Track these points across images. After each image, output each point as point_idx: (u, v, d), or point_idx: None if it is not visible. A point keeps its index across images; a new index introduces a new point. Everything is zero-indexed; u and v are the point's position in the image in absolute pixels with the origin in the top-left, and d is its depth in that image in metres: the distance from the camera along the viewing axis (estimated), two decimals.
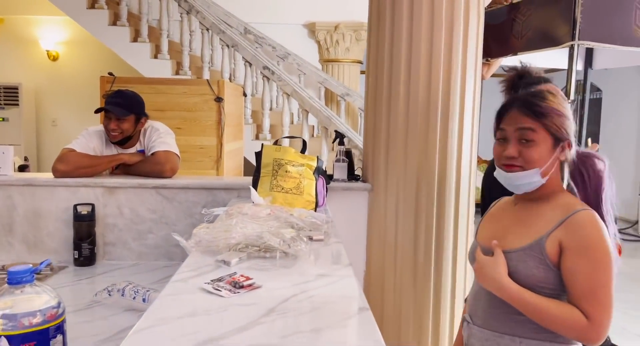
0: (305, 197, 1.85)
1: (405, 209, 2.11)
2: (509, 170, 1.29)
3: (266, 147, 1.90)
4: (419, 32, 2.06)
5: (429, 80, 2.07)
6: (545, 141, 1.27)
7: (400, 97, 2.10)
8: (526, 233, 1.28)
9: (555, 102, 1.30)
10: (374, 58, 2.22)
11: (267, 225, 1.40)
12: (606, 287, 1.20)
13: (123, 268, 2.14)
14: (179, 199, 2.23)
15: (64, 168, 2.18)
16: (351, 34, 6.45)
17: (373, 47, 2.23)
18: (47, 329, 1.03)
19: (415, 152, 2.09)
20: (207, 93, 3.85)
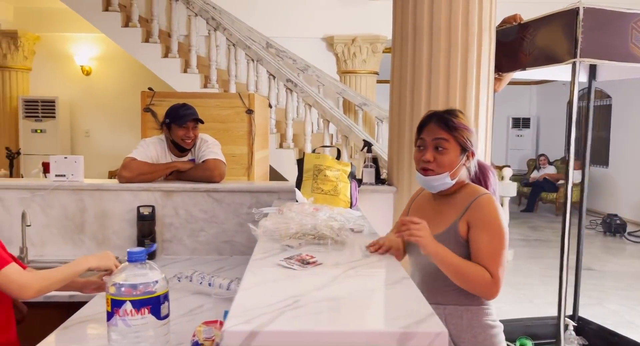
0: (342, 197, 2.15)
1: None
2: (425, 175, 1.62)
3: (307, 155, 2.20)
4: (438, 50, 2.36)
5: (447, 93, 2.37)
6: (455, 150, 1.61)
7: (422, 108, 2.39)
8: (443, 220, 1.62)
9: (464, 119, 1.64)
10: (397, 73, 2.52)
11: (318, 219, 1.70)
12: (502, 252, 1.53)
13: (179, 261, 2.45)
14: (227, 201, 2.54)
15: (128, 175, 2.51)
16: (368, 46, 6.76)
17: (397, 64, 2.53)
18: (158, 296, 1.34)
19: None
20: (238, 105, 4.18)
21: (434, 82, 2.38)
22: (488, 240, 1.54)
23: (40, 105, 6.63)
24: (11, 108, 6.70)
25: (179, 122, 2.61)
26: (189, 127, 2.62)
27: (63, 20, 6.69)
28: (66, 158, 2.52)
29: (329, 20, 6.75)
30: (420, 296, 1.07)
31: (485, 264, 1.52)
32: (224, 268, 2.34)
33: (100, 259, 1.58)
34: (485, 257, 1.53)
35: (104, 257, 1.60)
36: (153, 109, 4.13)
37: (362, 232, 1.74)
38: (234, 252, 2.56)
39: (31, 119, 6.65)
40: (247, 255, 2.57)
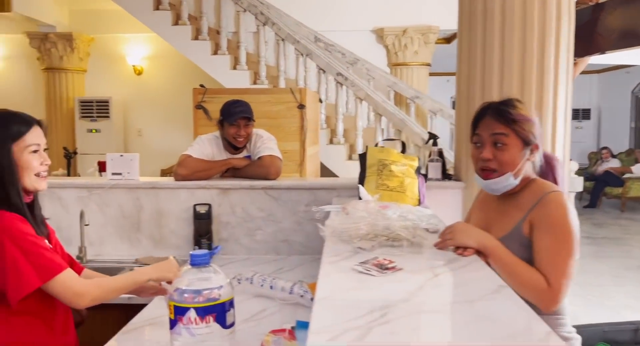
0: (409, 194, 2.00)
1: None
2: (486, 178, 1.47)
3: (371, 149, 2.06)
4: (511, 36, 2.17)
5: (522, 82, 2.17)
6: (516, 145, 1.43)
7: (494, 97, 2.20)
8: (508, 221, 1.45)
9: (524, 109, 1.47)
10: (465, 61, 2.34)
11: (389, 218, 1.56)
12: (567, 259, 1.34)
13: (236, 261, 2.37)
14: (284, 198, 2.44)
15: (184, 172, 2.44)
16: (419, 37, 6.54)
17: (464, 50, 2.35)
18: (223, 303, 1.24)
19: None
20: (289, 101, 4.08)
21: (507, 69, 2.19)
22: (550, 243, 1.35)
23: (95, 106, 6.77)
24: (68, 109, 6.87)
25: (229, 120, 2.53)
26: (240, 125, 2.53)
27: (115, 21, 6.80)
28: (122, 157, 2.48)
29: (378, 12, 6.57)
30: (528, 309, 0.92)
31: (544, 270, 1.34)
32: (283, 269, 2.23)
33: (162, 270, 1.49)
34: (545, 262, 1.35)
35: (165, 267, 1.50)
36: (205, 106, 4.09)
37: (438, 232, 1.59)
38: (292, 251, 2.45)
39: (86, 119, 6.80)
40: (306, 254, 2.48)
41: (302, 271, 2.21)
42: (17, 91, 7.11)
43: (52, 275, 1.31)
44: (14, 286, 1.28)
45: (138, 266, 2.29)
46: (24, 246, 1.30)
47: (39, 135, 1.43)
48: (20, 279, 1.28)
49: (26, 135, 1.39)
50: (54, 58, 6.76)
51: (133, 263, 2.33)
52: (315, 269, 2.29)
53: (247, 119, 2.55)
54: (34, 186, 1.42)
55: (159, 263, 1.54)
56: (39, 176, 1.43)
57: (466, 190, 2.37)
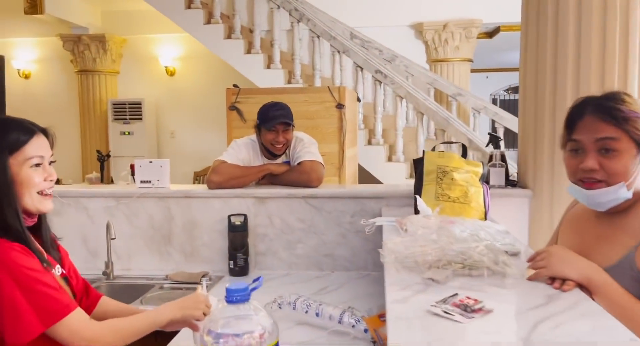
0: (474, 206, 1.74)
1: None
2: (589, 188, 1.15)
3: (429, 154, 1.81)
4: (588, 24, 1.88)
5: (602, 75, 1.88)
6: (629, 150, 1.13)
7: (568, 96, 1.92)
8: (612, 250, 1.15)
9: (634, 104, 1.15)
10: (532, 54, 2.06)
11: (459, 239, 1.30)
12: None
13: (275, 278, 2.15)
14: (328, 208, 2.20)
15: (218, 180, 2.24)
16: (461, 32, 6.21)
17: (531, 36, 2.07)
18: None
19: None
20: (327, 100, 3.85)
21: (583, 60, 1.89)
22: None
23: (127, 108, 6.69)
24: (101, 111, 6.82)
25: (266, 125, 2.31)
26: (279, 131, 2.30)
27: (147, 22, 6.70)
28: (151, 163, 2.29)
29: (417, 6, 6.26)
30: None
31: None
32: (327, 289, 2.00)
33: (187, 308, 1.26)
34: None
35: (190, 304, 1.27)
36: (238, 107, 3.90)
37: (518, 255, 1.32)
38: (336, 266, 2.21)
39: (119, 122, 6.72)
40: (351, 271, 2.23)
41: (349, 290, 1.97)
42: (51, 94, 7.11)
43: (57, 319, 1.10)
44: (12, 332, 1.08)
45: (168, 284, 2.10)
46: (25, 284, 1.09)
47: (43, 145, 1.21)
48: (19, 324, 1.08)
49: (26, 145, 1.17)
50: (87, 60, 6.71)
51: (163, 279, 2.13)
52: (364, 288, 2.05)
53: (287, 124, 2.33)
54: (37, 207, 1.19)
55: (184, 298, 1.31)
56: (43, 194, 1.20)
57: (533, 199, 2.08)
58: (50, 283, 1.13)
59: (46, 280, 1.13)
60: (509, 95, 11.35)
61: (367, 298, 1.88)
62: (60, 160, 6.22)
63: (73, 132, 6.98)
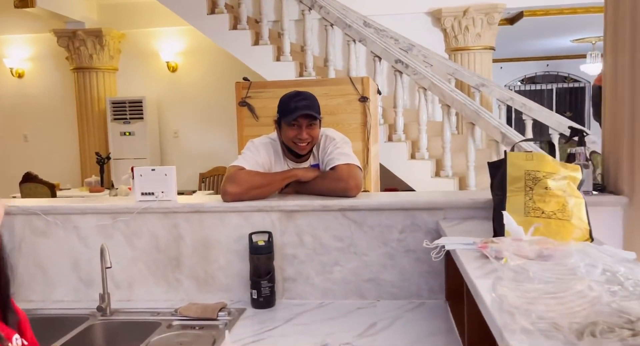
0: (575, 222, 1.33)
1: None
2: None
3: (512, 155, 1.40)
4: None
5: None
6: None
7: None
8: None
9: None
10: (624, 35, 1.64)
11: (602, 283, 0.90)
12: None
13: (309, 310, 1.75)
14: (370, 223, 1.80)
15: (235, 190, 1.83)
16: (482, 17, 5.78)
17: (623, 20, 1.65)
18: None
19: None
20: (350, 93, 3.44)
21: None
22: None
23: (127, 106, 6.29)
24: (99, 111, 6.42)
25: (287, 119, 1.90)
26: (302, 126, 1.89)
27: (146, 15, 6.30)
28: (154, 171, 1.89)
29: None
30: None
31: None
32: (377, 326, 1.59)
33: None
34: None
35: None
36: (249, 102, 3.49)
37: None
38: (382, 294, 1.81)
39: (119, 121, 6.32)
40: (400, 299, 1.79)
41: (406, 328, 1.57)
42: (46, 93, 6.71)
43: None
44: None
45: (178, 321, 1.70)
46: None
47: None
48: None
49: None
50: (84, 57, 6.31)
51: (172, 314, 1.73)
52: (422, 323, 1.60)
53: (312, 117, 1.92)
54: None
55: None
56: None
57: (631, 207, 1.67)
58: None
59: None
60: (525, 86, 10.90)
61: (433, 338, 1.48)
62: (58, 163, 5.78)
63: (70, 134, 6.59)
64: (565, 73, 10.62)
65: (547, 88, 10.91)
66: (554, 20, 6.55)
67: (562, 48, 9.09)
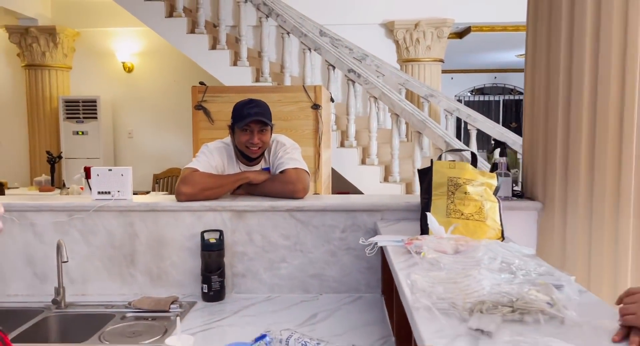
0: (490, 223, 1.53)
1: (594, 232, 1.75)
2: None
3: (438, 164, 1.59)
4: (608, 21, 1.70)
5: (622, 75, 1.70)
6: None
7: (585, 97, 1.74)
8: None
9: None
10: (543, 55, 1.87)
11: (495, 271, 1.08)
12: None
13: (256, 303, 1.89)
14: (315, 223, 1.95)
15: (189, 191, 1.95)
16: (432, 31, 6.07)
17: (541, 43, 1.88)
18: None
19: (606, 162, 1.73)
20: (302, 100, 3.60)
21: (602, 59, 1.71)
22: None
23: (81, 106, 6.22)
24: (51, 109, 6.32)
25: (240, 124, 2.04)
26: (254, 131, 2.04)
27: (103, 14, 6.27)
28: (111, 171, 1.98)
29: (388, 4, 6.08)
30: None
31: None
32: (317, 316, 1.75)
33: None
34: None
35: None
36: (205, 106, 3.60)
37: (562, 288, 1.11)
38: (324, 289, 1.97)
39: (72, 121, 6.25)
40: (341, 293, 1.97)
41: (343, 318, 1.73)
42: None
43: None
44: None
45: (132, 313, 1.80)
46: None
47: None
48: None
49: None
50: (36, 54, 6.21)
51: (125, 307, 1.83)
52: (359, 315, 1.79)
53: (263, 123, 2.06)
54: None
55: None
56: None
57: (544, 212, 1.89)
58: None
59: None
60: (474, 97, 11.38)
61: (367, 328, 1.64)
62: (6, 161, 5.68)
63: (20, 131, 6.46)
64: (511, 85, 11.15)
65: (495, 99, 11.42)
66: (499, 36, 6.92)
67: (508, 62, 9.58)
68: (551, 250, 1.84)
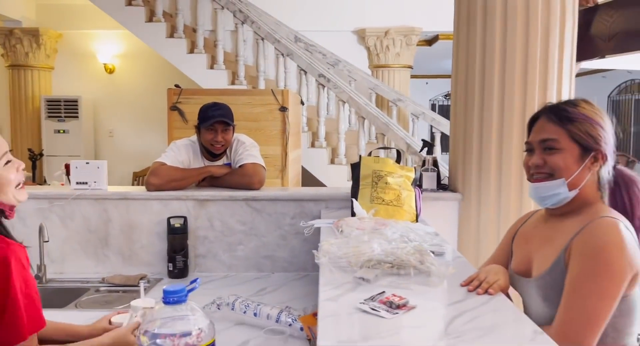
0: (406, 208, 1.83)
1: (502, 220, 2.06)
2: (535, 181, 1.25)
3: (365, 159, 1.89)
4: (513, 35, 2.02)
5: (524, 85, 2.03)
6: (571, 149, 1.21)
7: (494, 104, 2.06)
8: (550, 253, 1.22)
9: (588, 109, 1.24)
10: (463, 62, 2.19)
11: (390, 240, 1.38)
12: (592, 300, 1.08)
13: (215, 280, 2.17)
14: (268, 211, 2.24)
15: (157, 182, 2.23)
16: (401, 39, 6.41)
17: (462, 51, 2.20)
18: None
19: (512, 160, 2.04)
20: (271, 103, 3.88)
21: (508, 72, 2.04)
22: (575, 276, 1.11)
23: (63, 105, 6.43)
24: (33, 108, 6.52)
25: (205, 124, 2.32)
26: (217, 130, 2.33)
27: (85, 17, 6.48)
28: (88, 164, 2.25)
29: (360, 12, 6.41)
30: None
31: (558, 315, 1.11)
32: (266, 289, 2.04)
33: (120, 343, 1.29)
34: (562, 303, 1.12)
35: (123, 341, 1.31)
36: (180, 107, 3.86)
37: (444, 255, 1.42)
38: (276, 268, 2.26)
39: (54, 119, 6.46)
40: (290, 271, 2.28)
41: (288, 291, 2.02)
42: None
43: (36, 330, 1.14)
44: (5, 333, 1.10)
45: (105, 287, 2.07)
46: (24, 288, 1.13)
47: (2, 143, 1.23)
48: (14, 327, 1.10)
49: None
50: (19, 54, 6.41)
51: (99, 282, 2.09)
52: (302, 288, 2.10)
53: (226, 124, 2.35)
54: (17, 199, 1.25)
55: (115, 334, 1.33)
56: (19, 187, 1.26)
57: (463, 202, 2.21)
58: (37, 291, 1.15)
59: (36, 287, 1.14)
60: (448, 101, 11.78)
61: (305, 297, 1.93)
62: None
63: (3, 129, 6.64)
64: None
65: None
66: None
67: None
68: (468, 235, 2.16)
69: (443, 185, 2.31)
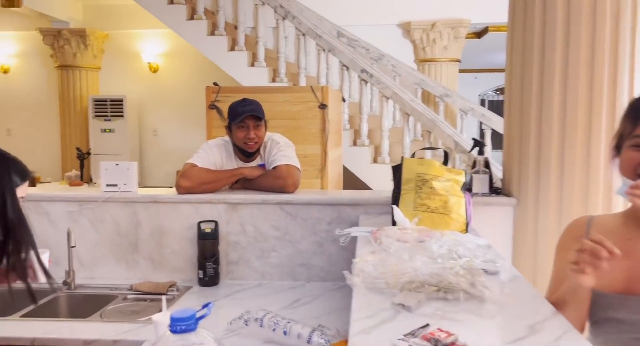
0: (454, 216, 1.64)
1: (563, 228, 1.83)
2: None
3: (407, 160, 1.71)
4: (577, 26, 1.78)
5: (590, 80, 1.79)
6: None
7: (555, 100, 1.83)
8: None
9: None
10: (519, 52, 1.97)
11: (437, 257, 1.20)
12: None
13: (247, 288, 2.04)
14: (303, 216, 2.09)
15: (187, 185, 2.12)
16: (449, 31, 6.12)
17: (518, 44, 1.97)
18: None
19: (575, 161, 1.81)
20: (310, 100, 3.73)
21: (572, 65, 1.80)
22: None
23: (109, 105, 6.52)
24: (82, 108, 6.64)
25: (236, 121, 2.19)
26: (249, 127, 2.19)
27: (130, 17, 6.55)
28: (118, 166, 2.16)
29: (405, 5, 6.17)
30: None
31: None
32: (300, 301, 1.89)
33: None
34: None
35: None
36: (218, 106, 3.77)
37: (498, 273, 1.22)
38: (311, 276, 2.11)
39: (100, 119, 6.55)
40: (327, 281, 2.12)
41: (324, 303, 1.87)
42: (30, 89, 6.92)
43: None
44: None
45: (133, 295, 1.98)
46: None
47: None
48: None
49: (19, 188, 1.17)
50: (68, 55, 6.54)
51: (127, 290, 2.01)
52: (338, 300, 1.94)
53: (257, 118, 2.21)
54: None
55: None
56: None
57: (518, 207, 1.99)
58: None
59: None
60: (498, 96, 11.31)
61: (341, 312, 1.77)
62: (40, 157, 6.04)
63: (53, 129, 6.81)
64: None
65: None
66: None
67: None
68: (524, 244, 1.94)
69: (496, 188, 2.10)
